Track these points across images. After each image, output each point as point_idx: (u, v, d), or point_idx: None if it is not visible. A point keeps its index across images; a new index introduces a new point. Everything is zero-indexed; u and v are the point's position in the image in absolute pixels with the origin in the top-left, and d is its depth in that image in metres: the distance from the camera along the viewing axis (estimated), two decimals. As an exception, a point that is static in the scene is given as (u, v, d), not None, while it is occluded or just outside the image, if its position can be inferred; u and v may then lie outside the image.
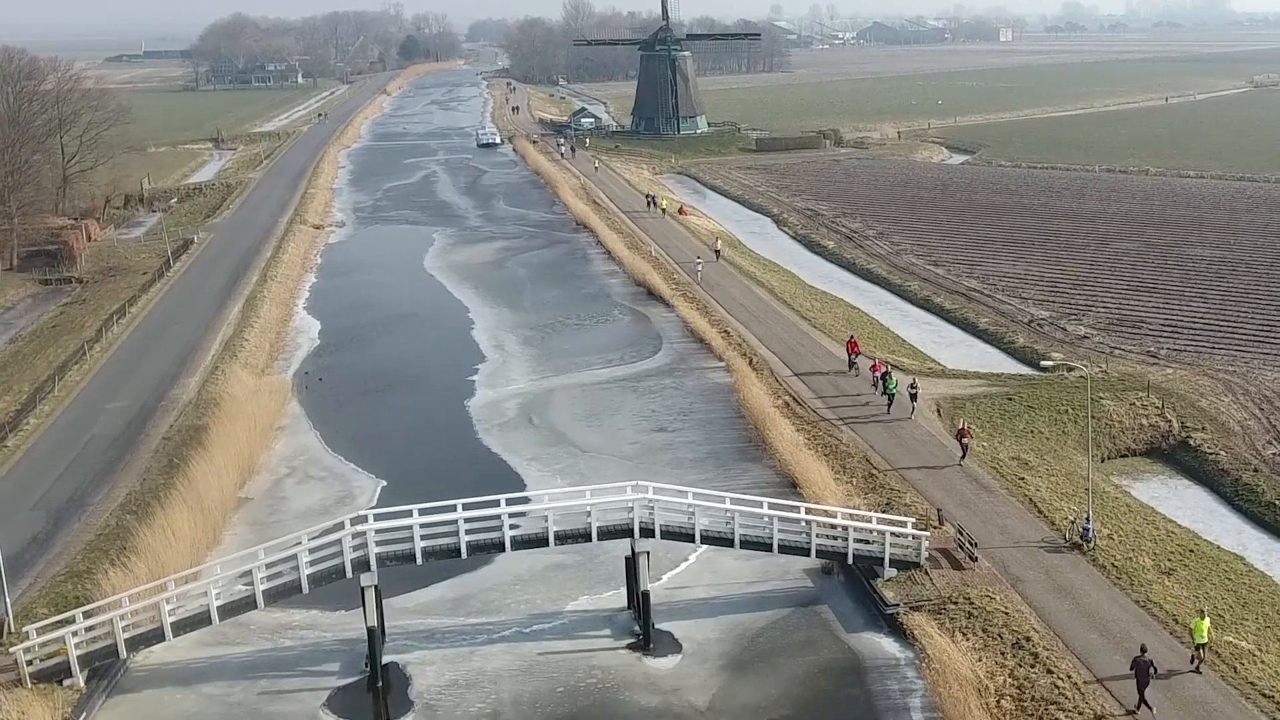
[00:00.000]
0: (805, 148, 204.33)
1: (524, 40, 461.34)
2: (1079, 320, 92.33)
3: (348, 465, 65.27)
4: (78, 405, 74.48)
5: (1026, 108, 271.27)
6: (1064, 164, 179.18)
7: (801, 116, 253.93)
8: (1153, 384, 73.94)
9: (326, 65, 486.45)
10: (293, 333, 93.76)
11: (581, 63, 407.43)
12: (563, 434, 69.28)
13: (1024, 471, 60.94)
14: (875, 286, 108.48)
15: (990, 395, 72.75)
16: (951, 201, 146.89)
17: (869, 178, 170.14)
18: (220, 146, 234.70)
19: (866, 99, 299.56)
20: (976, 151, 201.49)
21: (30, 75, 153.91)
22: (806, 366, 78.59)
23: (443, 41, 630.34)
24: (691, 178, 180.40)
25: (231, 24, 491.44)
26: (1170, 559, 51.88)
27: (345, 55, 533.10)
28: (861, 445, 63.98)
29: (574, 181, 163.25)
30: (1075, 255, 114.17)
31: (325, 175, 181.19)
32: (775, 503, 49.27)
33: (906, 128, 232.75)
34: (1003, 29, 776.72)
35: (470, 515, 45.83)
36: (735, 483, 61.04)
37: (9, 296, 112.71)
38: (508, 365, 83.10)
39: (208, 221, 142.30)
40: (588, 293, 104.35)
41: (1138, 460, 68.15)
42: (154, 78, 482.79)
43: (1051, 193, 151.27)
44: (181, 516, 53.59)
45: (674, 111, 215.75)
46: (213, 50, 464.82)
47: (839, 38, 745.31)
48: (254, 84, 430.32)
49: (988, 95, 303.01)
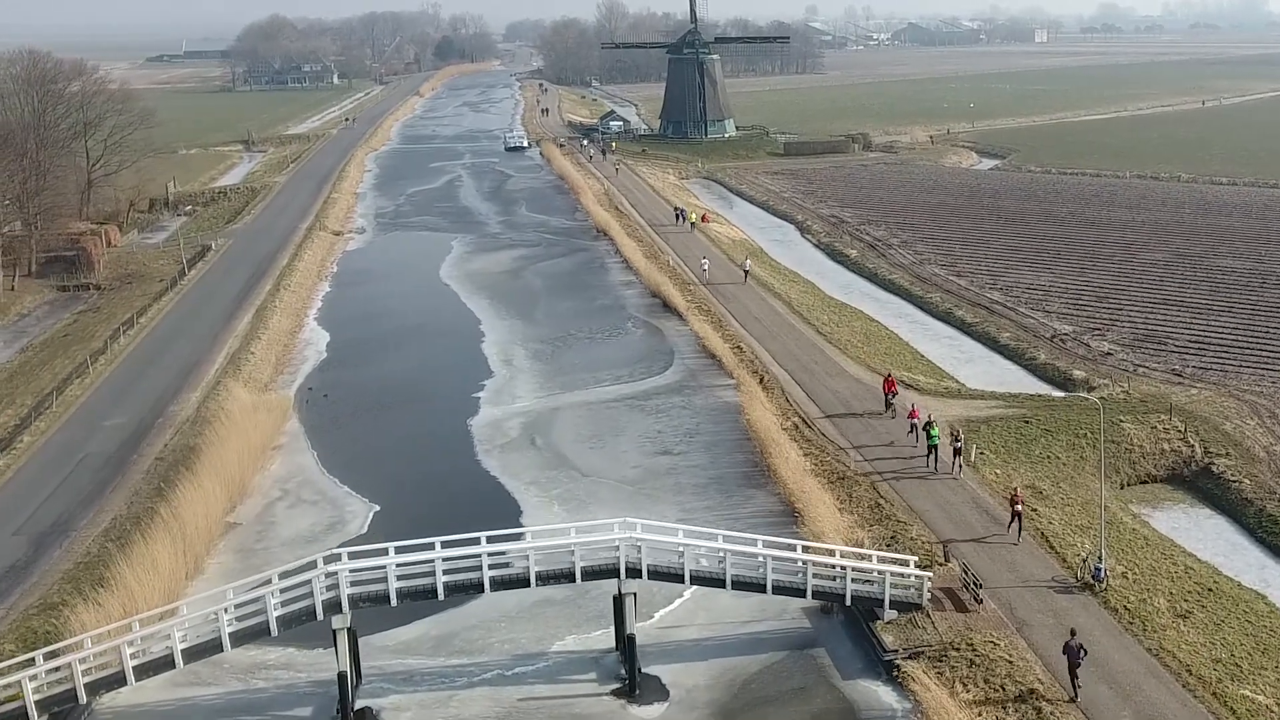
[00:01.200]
0: (833, 152, 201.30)
1: (557, 41, 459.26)
2: (1102, 335, 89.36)
3: (341, 489, 63.08)
4: (75, 421, 72.66)
5: (1059, 111, 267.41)
6: (1094, 170, 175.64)
7: (832, 119, 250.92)
8: (1176, 406, 71.04)
9: (362, 66, 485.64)
10: (301, 345, 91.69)
11: (614, 64, 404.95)
12: (564, 456, 66.91)
13: (1038, 501, 58.15)
14: (896, 298, 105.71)
15: (1006, 417, 69.91)
16: (978, 209, 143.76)
17: (896, 183, 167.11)
18: (251, 149, 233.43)
19: (898, 102, 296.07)
20: (1007, 156, 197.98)
21: (55, 79, 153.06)
22: (820, 386, 75.93)
23: (478, 42, 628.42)
24: (718, 183, 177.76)
25: (269, 25, 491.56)
26: (1187, 599, 49.13)
27: (381, 56, 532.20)
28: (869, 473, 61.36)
29: (597, 187, 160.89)
30: (1101, 266, 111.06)
31: (350, 179, 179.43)
32: (770, 541, 46.71)
33: (937, 131, 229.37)
34: (1038, 30, 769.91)
35: (448, 555, 43.53)
36: (738, 511, 58.77)
37: (26, 303, 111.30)
38: (515, 381, 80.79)
39: (228, 227, 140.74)
40: (602, 304, 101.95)
41: (1158, 487, 65.24)
42: (193, 78, 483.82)
43: (1080, 200, 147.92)
44: (162, 546, 51.50)
45: (702, 115, 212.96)
46: (250, 51, 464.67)
47: (873, 39, 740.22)
48: (290, 85, 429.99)
49: (1020, 98, 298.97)
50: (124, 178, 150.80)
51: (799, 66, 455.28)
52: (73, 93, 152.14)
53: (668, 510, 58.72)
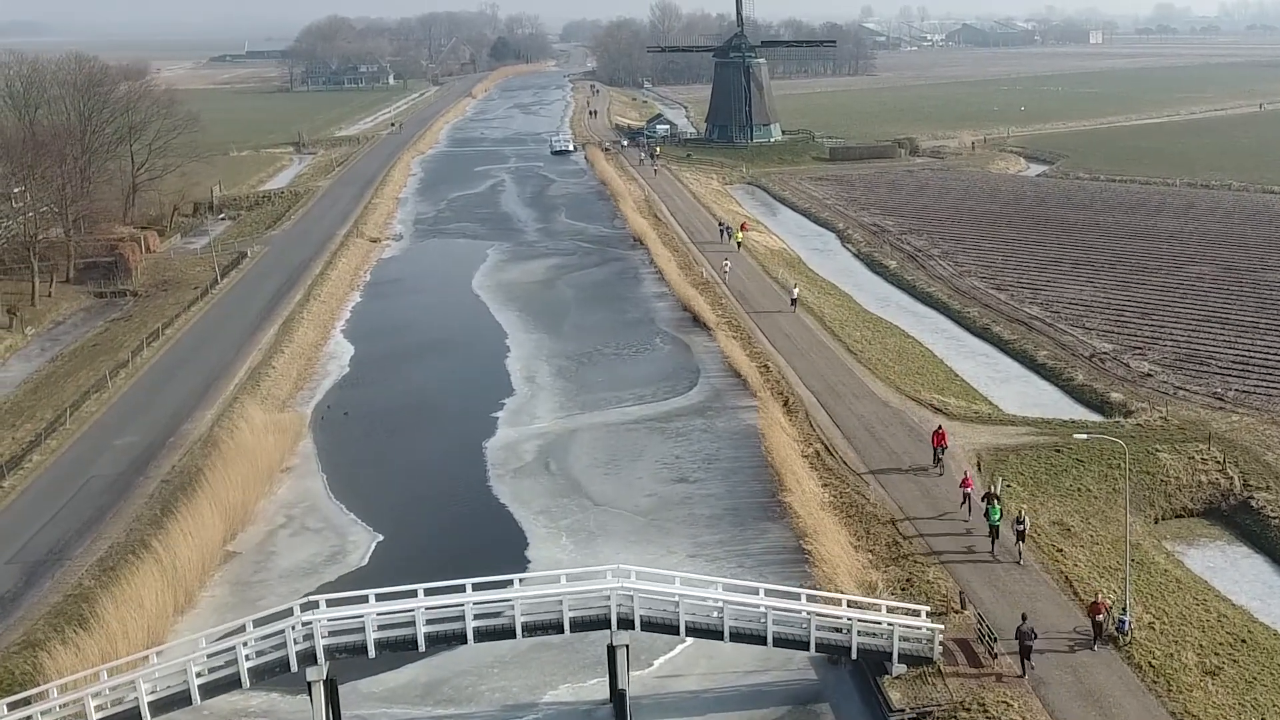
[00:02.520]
0: (879, 157, 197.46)
1: (610, 42, 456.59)
2: (1143, 354, 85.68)
3: (347, 516, 60.74)
4: (86, 440, 70.84)
5: (1111, 115, 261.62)
6: (1143, 177, 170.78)
7: (881, 123, 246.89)
8: (1215, 434, 67.56)
9: (418, 67, 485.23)
10: (324, 359, 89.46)
11: (666, 65, 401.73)
12: (578, 483, 64.26)
13: (1064, 540, 54.91)
14: (934, 312, 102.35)
15: (1037, 446, 66.60)
16: (1023, 217, 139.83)
17: (941, 190, 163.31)
18: (301, 151, 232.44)
19: (948, 104, 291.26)
20: (1055, 162, 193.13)
21: (100, 82, 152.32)
22: (845, 410, 72.86)
23: (533, 43, 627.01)
24: (761, 188, 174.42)
25: (327, 25, 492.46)
26: (1218, 652, 45.83)
27: (437, 57, 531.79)
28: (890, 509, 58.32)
29: (638, 193, 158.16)
30: (1145, 279, 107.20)
31: (394, 184, 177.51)
32: (772, 590, 43.86)
33: (986, 135, 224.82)
34: (1093, 31, 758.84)
35: (431, 604, 41.03)
36: (750, 546, 55.98)
37: (62, 310, 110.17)
38: (535, 400, 78.21)
39: (267, 233, 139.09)
40: (632, 317, 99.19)
41: (1194, 522, 61.74)
42: (253, 78, 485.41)
43: (1127, 209, 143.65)
44: (150, 581, 49.30)
45: (747, 119, 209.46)
46: (308, 51, 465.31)
47: (927, 40, 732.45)
48: (346, 85, 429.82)
49: (1072, 101, 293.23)
50: (168, 182, 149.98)
51: (851, 68, 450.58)
52: (118, 96, 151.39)
53: (678, 544, 56.09)
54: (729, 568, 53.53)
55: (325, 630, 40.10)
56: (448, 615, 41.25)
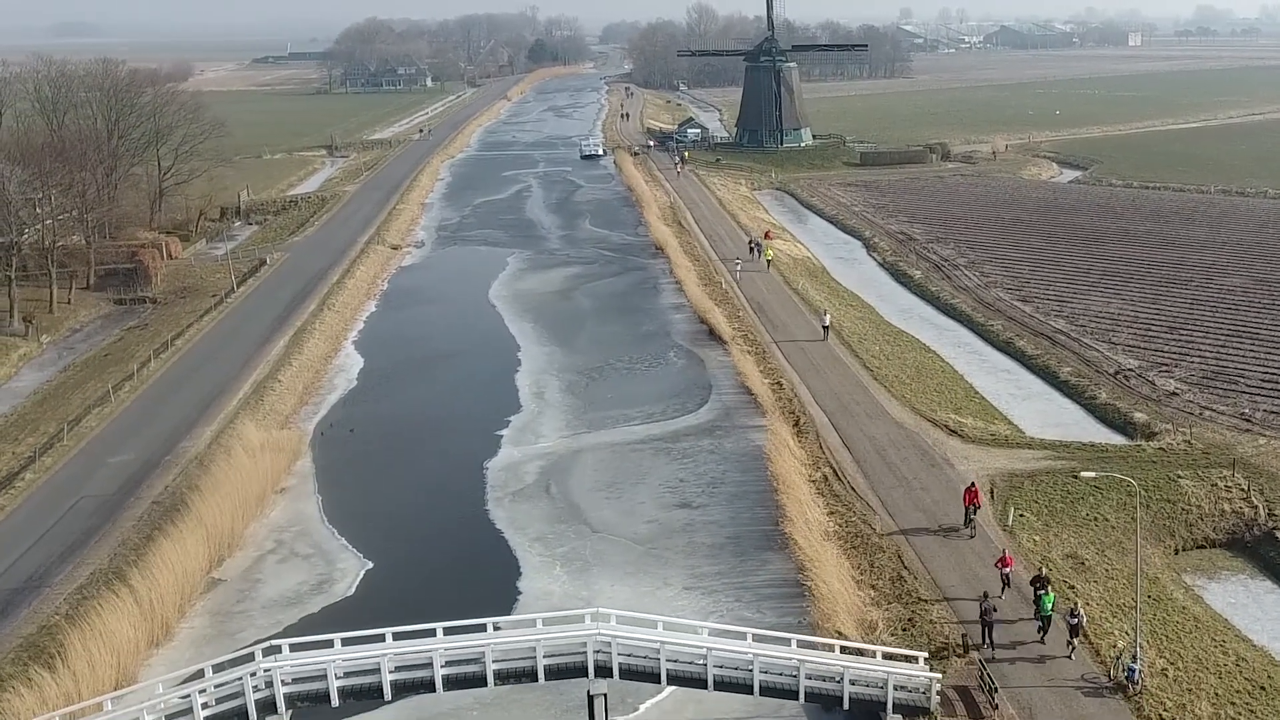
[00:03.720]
0: (910, 162, 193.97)
1: (646, 45, 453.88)
2: (1169, 372, 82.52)
3: (338, 541, 58.55)
4: (82, 457, 69.01)
5: (1147, 119, 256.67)
6: (1177, 184, 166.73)
7: (914, 127, 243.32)
8: (1241, 459, 64.55)
9: (456, 69, 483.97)
10: (333, 372, 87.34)
11: (702, 68, 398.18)
12: (577, 507, 61.88)
13: (1077, 576, 52.10)
14: (957, 325, 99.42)
15: (1054, 471, 63.76)
16: (1052, 226, 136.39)
17: (970, 197, 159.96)
18: (333, 154, 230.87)
19: (983, 108, 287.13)
20: (1089, 168, 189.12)
21: (127, 87, 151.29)
22: (857, 432, 70.21)
23: (571, 45, 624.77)
24: (789, 194, 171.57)
25: (366, 27, 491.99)
26: (1235, 701, 43.07)
27: (475, 59, 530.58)
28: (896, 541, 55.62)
29: (663, 199, 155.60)
30: (1175, 292, 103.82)
31: (421, 189, 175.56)
32: (761, 635, 41.33)
33: (1019, 140, 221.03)
34: (1132, 33, 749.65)
35: (399, 650, 38.76)
36: (749, 579, 53.47)
37: (80, 317, 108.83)
38: (542, 418, 75.83)
39: (290, 239, 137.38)
40: (647, 330, 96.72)
41: (1216, 554, 58.74)
42: (293, 80, 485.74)
43: (1159, 217, 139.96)
44: (125, 613, 47.25)
45: (777, 124, 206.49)
46: (348, 53, 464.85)
47: (965, 41, 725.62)
48: (384, 87, 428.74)
49: (1108, 105, 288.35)
50: (195, 186, 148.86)
51: (887, 70, 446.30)
52: (145, 101, 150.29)
53: (675, 575, 53.67)
54: (725, 602, 51.16)
55: (286, 677, 37.94)
56: (416, 662, 38.97)
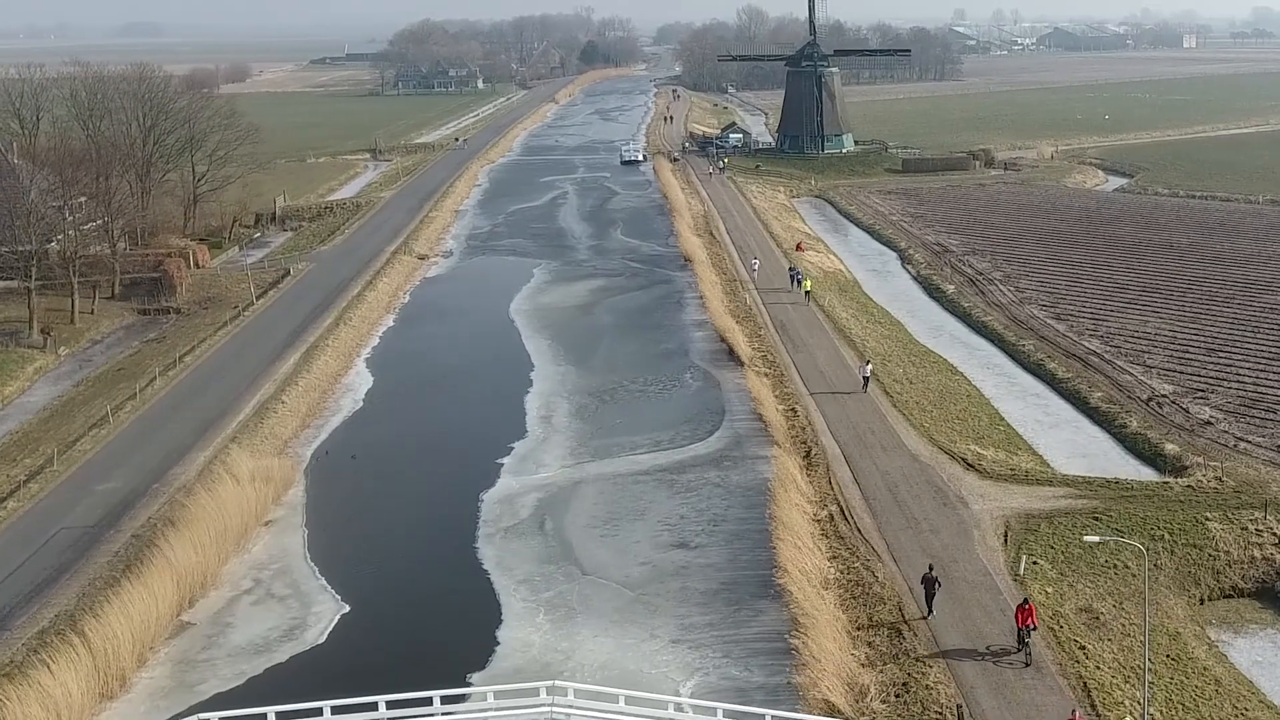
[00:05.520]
0: (952, 169, 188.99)
1: (696, 46, 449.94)
2: (1205, 398, 78.15)
3: (318, 581, 55.36)
4: (69, 484, 66.21)
5: (1198, 124, 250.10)
6: (1224, 193, 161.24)
7: (960, 131, 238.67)
8: (1273, 500, 60.17)
9: (508, 70, 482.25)
10: (340, 392, 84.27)
11: (752, 70, 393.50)
12: (569, 546, 58.42)
13: (1088, 634, 48.08)
14: (988, 344, 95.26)
15: (1073, 512, 59.69)
16: (1092, 238, 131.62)
17: (1011, 207, 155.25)
18: (377, 158, 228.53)
19: (1031, 112, 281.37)
20: (1135, 175, 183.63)
21: (163, 93, 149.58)
22: (870, 466, 66.28)
23: (623, 46, 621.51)
24: (828, 202, 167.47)
25: (419, 29, 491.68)
26: (1253, 782, 39.17)
27: (527, 60, 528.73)
28: (898, 590, 51.82)
29: (697, 209, 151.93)
30: (1215, 310, 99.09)
31: (456, 195, 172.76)
32: (731, 710, 37.84)
33: (1066, 146, 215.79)
34: (1186, 35, 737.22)
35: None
36: (741, 631, 49.89)
37: (102, 328, 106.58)
38: (546, 444, 72.43)
39: (319, 248, 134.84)
40: (666, 348, 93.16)
41: (1245, 604, 54.58)
42: (348, 81, 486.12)
43: (1204, 229, 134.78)
44: (75, 666, 44.30)
45: (819, 130, 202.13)
46: (400, 55, 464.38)
47: (1018, 43, 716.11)
48: (436, 89, 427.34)
49: (1159, 109, 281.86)
50: (230, 193, 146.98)
51: (937, 73, 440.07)
52: (179, 107, 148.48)
53: (663, 627, 50.12)
54: (713, 658, 47.63)
55: (212, 757, 34.89)
56: (354, 740, 35.86)
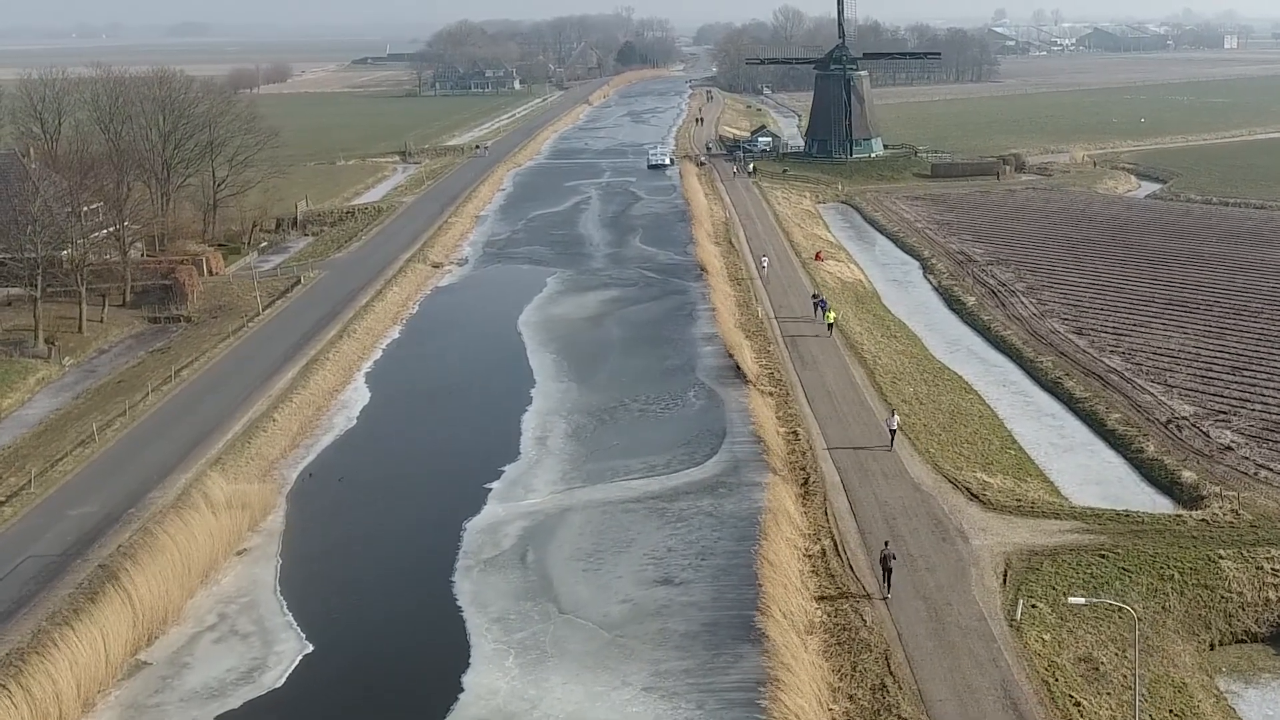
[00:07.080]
0: (982, 174, 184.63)
1: (732, 47, 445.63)
2: (1226, 421, 74.40)
3: (284, 617, 52.67)
4: (43, 508, 63.78)
5: (1235, 128, 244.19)
6: (1258, 199, 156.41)
7: (993, 135, 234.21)
8: (1293, 537, 56.69)
9: (545, 71, 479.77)
10: (335, 409, 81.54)
11: (786, 71, 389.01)
12: (549, 581, 55.50)
13: (1085, 688, 44.76)
14: (1006, 359, 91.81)
15: (1080, 548, 56.27)
16: (1120, 247, 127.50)
17: (1038, 213, 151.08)
18: (406, 160, 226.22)
19: (1067, 114, 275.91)
20: (1168, 181, 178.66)
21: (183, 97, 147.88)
22: (870, 495, 63.02)
23: (661, 46, 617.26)
24: (854, 208, 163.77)
25: (457, 29, 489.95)
26: None
27: (565, 61, 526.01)
28: (886, 636, 48.59)
29: (718, 216, 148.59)
30: (1242, 324, 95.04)
31: (478, 200, 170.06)
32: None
33: (1100, 150, 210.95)
34: (1227, 36, 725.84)
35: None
36: (719, 679, 46.96)
37: (110, 337, 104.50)
38: (538, 468, 69.49)
39: (333, 255, 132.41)
40: (672, 364, 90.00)
41: (1258, 650, 51.17)
42: (387, 81, 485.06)
43: (1234, 238, 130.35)
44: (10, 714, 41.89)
45: (847, 134, 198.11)
46: (438, 55, 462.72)
47: (1058, 44, 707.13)
48: (472, 90, 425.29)
49: (1196, 112, 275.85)
50: (250, 197, 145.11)
51: (974, 74, 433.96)
52: (199, 112, 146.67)
53: (637, 673, 47.20)
54: (686, 709, 44.75)
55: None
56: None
